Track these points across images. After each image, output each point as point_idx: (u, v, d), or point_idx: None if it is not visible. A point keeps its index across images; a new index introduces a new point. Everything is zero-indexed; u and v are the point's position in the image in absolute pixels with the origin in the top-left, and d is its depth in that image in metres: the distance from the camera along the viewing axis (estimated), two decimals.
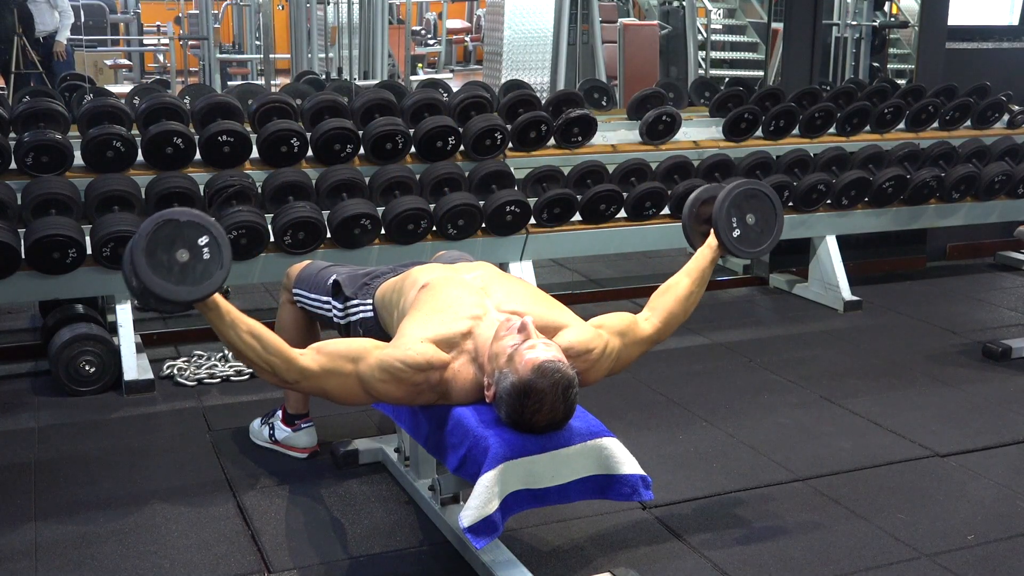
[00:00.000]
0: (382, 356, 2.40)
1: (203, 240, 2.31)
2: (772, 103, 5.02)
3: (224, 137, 3.89)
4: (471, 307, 2.51)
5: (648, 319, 2.72)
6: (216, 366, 3.90)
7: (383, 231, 4.03)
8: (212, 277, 2.31)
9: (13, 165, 3.77)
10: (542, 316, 2.51)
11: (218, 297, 2.33)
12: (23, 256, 3.52)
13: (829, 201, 4.86)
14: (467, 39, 14.90)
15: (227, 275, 2.34)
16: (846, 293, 4.87)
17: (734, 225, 2.84)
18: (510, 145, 4.43)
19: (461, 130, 4.26)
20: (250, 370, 3.87)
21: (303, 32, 6.45)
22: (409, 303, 2.60)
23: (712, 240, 2.86)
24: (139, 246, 2.26)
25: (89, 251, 3.60)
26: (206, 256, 2.31)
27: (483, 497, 2.24)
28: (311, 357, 2.40)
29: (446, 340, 2.43)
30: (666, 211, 4.57)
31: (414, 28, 9.36)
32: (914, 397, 3.83)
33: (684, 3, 7.86)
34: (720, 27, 8.64)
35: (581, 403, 2.39)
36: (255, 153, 4.02)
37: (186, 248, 2.30)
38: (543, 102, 4.67)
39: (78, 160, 3.82)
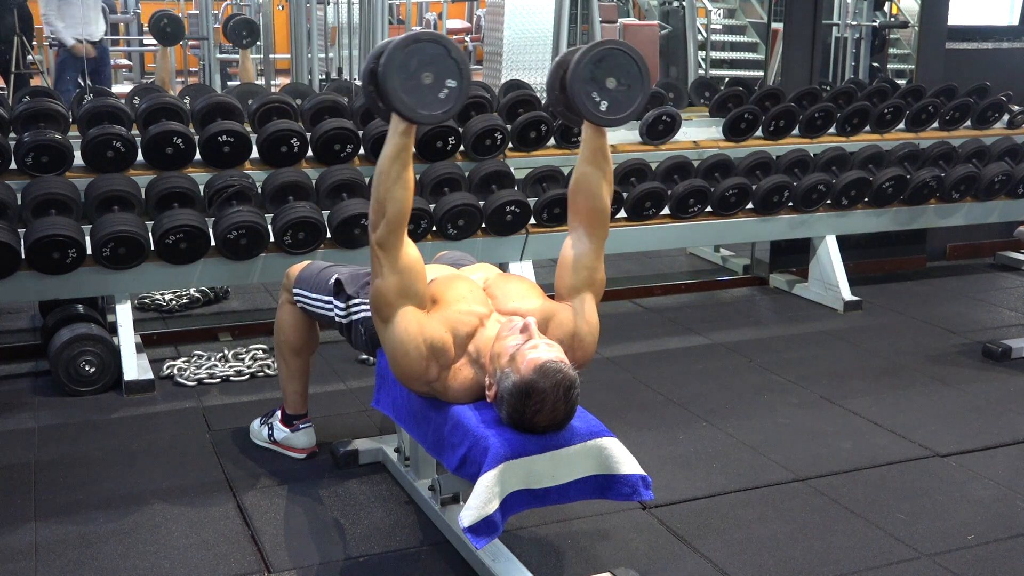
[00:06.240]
0: (426, 320, 2.43)
1: (451, 83, 2.40)
2: (772, 103, 5.02)
3: (224, 137, 3.90)
4: (476, 305, 2.51)
5: (581, 248, 2.60)
6: (216, 366, 3.89)
7: None
8: (438, 111, 2.41)
9: (13, 165, 3.77)
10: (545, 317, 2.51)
11: (412, 133, 2.44)
12: (23, 256, 3.52)
13: (829, 201, 4.86)
14: (467, 39, 14.89)
15: (452, 114, 2.47)
16: (846, 293, 4.87)
17: (596, 99, 2.56)
18: (510, 145, 4.43)
19: (461, 130, 4.26)
20: (250, 370, 3.88)
21: (303, 32, 6.45)
22: None
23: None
24: (398, 50, 2.35)
25: (89, 251, 3.60)
26: (442, 95, 2.40)
27: (483, 497, 2.24)
28: (412, 255, 2.45)
29: (457, 335, 2.44)
30: (666, 211, 4.57)
31: (414, 28, 9.37)
32: (914, 397, 3.83)
33: (684, 3, 7.85)
34: (720, 27, 8.63)
35: (581, 403, 2.39)
36: (255, 153, 4.02)
37: (432, 74, 2.38)
38: (543, 102, 4.67)
39: (78, 160, 3.82)
